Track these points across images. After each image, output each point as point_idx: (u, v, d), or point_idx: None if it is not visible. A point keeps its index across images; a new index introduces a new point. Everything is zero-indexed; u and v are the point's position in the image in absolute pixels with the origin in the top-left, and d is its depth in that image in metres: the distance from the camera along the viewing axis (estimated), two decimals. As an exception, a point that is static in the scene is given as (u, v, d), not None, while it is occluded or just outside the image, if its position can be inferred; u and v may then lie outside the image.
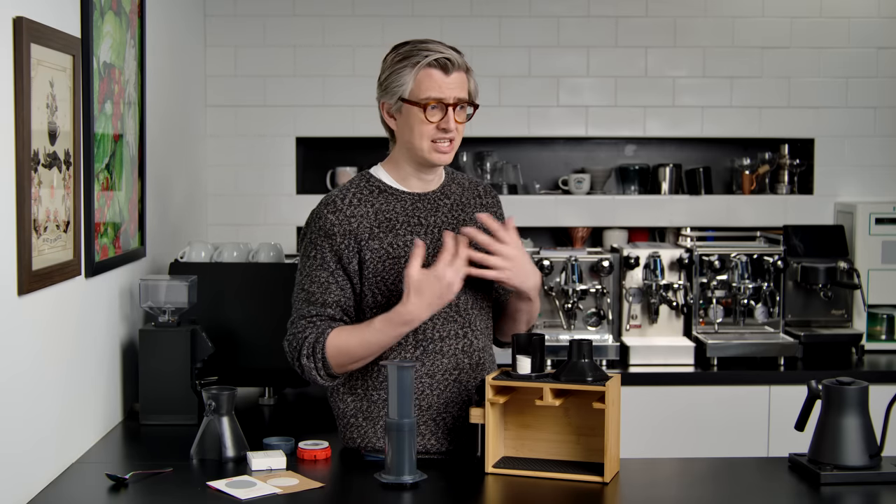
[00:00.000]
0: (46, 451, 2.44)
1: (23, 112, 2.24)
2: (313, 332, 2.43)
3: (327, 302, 2.46)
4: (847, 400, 2.39)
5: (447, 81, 2.45)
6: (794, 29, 4.48)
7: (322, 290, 2.46)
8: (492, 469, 2.41)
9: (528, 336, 2.41)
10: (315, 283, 2.47)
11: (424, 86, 2.45)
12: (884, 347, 4.17)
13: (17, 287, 2.25)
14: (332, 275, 2.47)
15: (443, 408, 2.51)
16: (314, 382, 2.47)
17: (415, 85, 2.45)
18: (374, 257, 2.47)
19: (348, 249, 2.46)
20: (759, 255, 4.05)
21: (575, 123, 4.51)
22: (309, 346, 2.42)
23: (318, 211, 2.51)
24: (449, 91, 2.45)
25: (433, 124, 2.45)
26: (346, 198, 2.50)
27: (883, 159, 4.51)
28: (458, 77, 2.47)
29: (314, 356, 2.42)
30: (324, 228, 2.47)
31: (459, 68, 2.47)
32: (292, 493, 2.28)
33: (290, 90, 4.44)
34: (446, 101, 2.45)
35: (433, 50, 2.45)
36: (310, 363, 2.42)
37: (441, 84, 2.45)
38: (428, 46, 2.47)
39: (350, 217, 2.47)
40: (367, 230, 2.47)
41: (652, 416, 3.76)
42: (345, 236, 2.46)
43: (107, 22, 2.86)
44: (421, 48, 2.46)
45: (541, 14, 4.46)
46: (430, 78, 2.45)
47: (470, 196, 2.64)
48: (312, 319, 2.45)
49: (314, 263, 2.48)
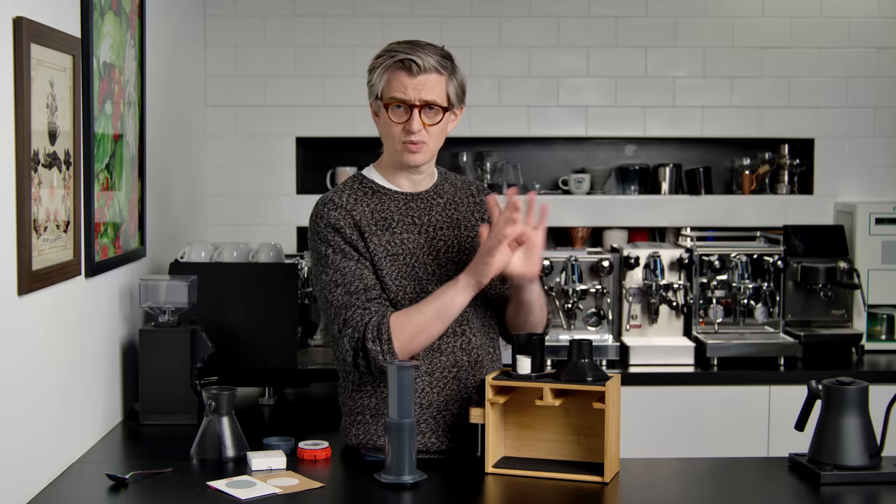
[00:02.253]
0: (46, 451, 2.44)
1: (23, 112, 2.24)
2: (374, 317, 2.39)
3: (368, 286, 2.43)
4: (847, 400, 2.39)
5: (412, 83, 2.44)
6: (794, 29, 4.48)
7: (358, 278, 2.44)
8: (492, 469, 2.41)
9: (528, 336, 2.41)
10: (347, 273, 2.44)
11: (391, 87, 2.46)
12: (884, 347, 4.17)
13: (17, 287, 2.25)
14: (359, 262, 2.46)
15: (442, 406, 2.51)
16: (380, 372, 2.40)
17: (384, 85, 2.47)
18: (377, 251, 2.48)
19: (358, 240, 2.47)
20: (759, 255, 4.05)
21: (575, 123, 4.51)
22: (373, 329, 2.38)
23: (318, 211, 2.51)
24: (413, 93, 2.44)
25: (399, 125, 2.46)
26: (343, 196, 2.52)
27: (883, 159, 4.51)
28: (427, 79, 2.45)
29: (380, 339, 2.37)
30: (330, 223, 2.48)
31: (428, 71, 2.45)
32: (292, 493, 2.28)
33: (290, 90, 4.44)
34: (410, 101, 2.45)
35: (403, 51, 2.45)
36: (375, 346, 2.37)
37: (405, 85, 2.44)
38: (399, 48, 2.47)
39: (351, 211, 2.49)
40: (366, 226, 2.49)
41: (652, 416, 3.76)
42: (352, 228, 2.47)
43: (107, 22, 2.86)
44: (394, 49, 2.47)
45: (541, 14, 4.45)
46: (396, 79, 2.45)
47: (463, 195, 2.65)
48: (366, 306, 2.41)
49: (337, 258, 2.46)
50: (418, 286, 2.49)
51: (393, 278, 2.48)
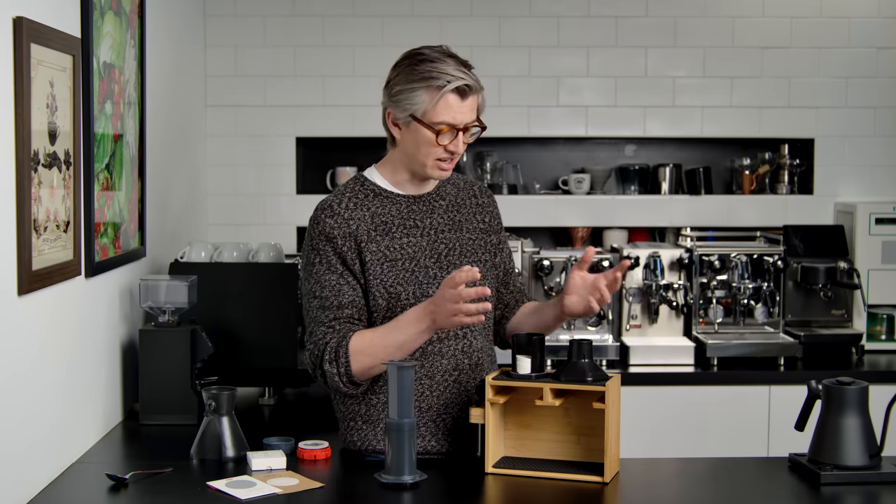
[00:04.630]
0: (46, 451, 2.44)
1: (23, 112, 2.24)
2: (334, 337, 2.41)
3: (342, 304, 2.44)
4: (847, 400, 2.39)
5: (462, 106, 2.43)
6: (794, 29, 4.48)
7: (335, 293, 2.44)
8: (492, 469, 2.41)
9: (528, 336, 2.41)
10: (326, 287, 2.45)
11: (440, 111, 2.41)
12: (884, 347, 4.17)
13: (17, 287, 2.25)
14: (342, 276, 2.45)
15: (442, 409, 2.51)
16: (337, 390, 2.45)
17: (430, 108, 2.41)
18: (373, 259, 2.46)
19: (350, 251, 2.46)
20: (759, 255, 4.05)
21: (575, 123, 4.51)
22: (331, 352, 2.40)
23: (316, 216, 2.50)
24: (462, 116, 2.43)
25: (443, 147, 2.45)
26: (342, 202, 2.50)
27: (883, 159, 4.51)
28: (473, 100, 2.45)
29: (337, 361, 2.39)
30: (324, 232, 2.47)
31: (476, 91, 2.45)
32: (292, 493, 2.28)
33: (290, 90, 4.44)
34: (458, 126, 2.44)
35: (452, 75, 2.40)
36: (332, 368, 2.39)
37: (457, 110, 2.42)
38: (447, 70, 2.40)
39: (348, 220, 2.47)
40: (364, 233, 2.47)
41: (652, 416, 3.76)
42: (345, 238, 2.46)
43: (107, 22, 2.86)
44: (441, 71, 2.40)
45: (541, 14, 4.45)
46: (447, 104, 2.41)
47: (465, 196, 2.64)
48: (332, 324, 2.43)
49: (321, 269, 2.46)
50: (418, 290, 2.48)
51: (392, 284, 2.47)
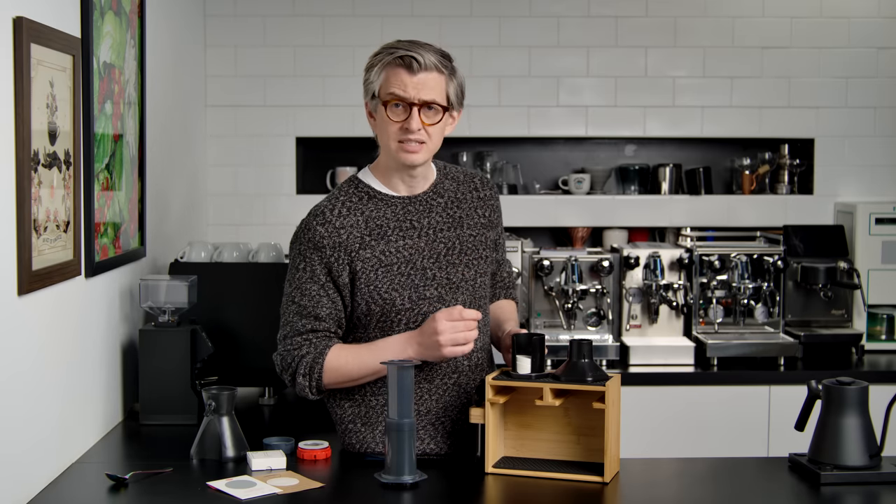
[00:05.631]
0: (46, 451, 2.44)
1: (23, 112, 2.24)
2: (311, 352, 2.43)
3: (320, 315, 2.44)
4: (847, 400, 2.39)
5: (412, 81, 2.39)
6: (794, 29, 4.48)
7: (314, 304, 2.44)
8: (492, 469, 2.41)
9: (528, 336, 2.41)
10: (306, 295, 2.44)
11: (389, 83, 2.41)
12: (884, 347, 4.17)
13: (17, 287, 2.25)
14: (323, 287, 2.44)
15: (441, 412, 2.50)
16: (302, 396, 2.48)
17: (382, 82, 2.42)
18: (367, 266, 2.44)
19: (338, 262, 2.43)
20: (759, 255, 4.05)
21: (575, 123, 4.51)
22: (306, 366, 2.42)
23: (308, 222, 2.47)
24: (413, 91, 2.39)
25: (397, 123, 2.41)
26: (336, 208, 2.47)
27: (883, 159, 4.51)
28: (427, 77, 2.40)
29: (310, 375, 2.42)
30: (313, 241, 2.44)
31: (429, 69, 2.40)
32: (292, 493, 2.28)
33: (290, 90, 4.44)
34: (409, 100, 2.40)
35: (402, 48, 2.41)
36: (304, 381, 2.43)
37: (405, 83, 2.39)
38: (399, 45, 2.42)
39: (339, 228, 2.44)
40: (357, 240, 2.44)
41: (652, 416, 3.76)
42: (334, 249, 2.43)
43: (107, 22, 2.86)
44: (393, 46, 2.43)
45: (541, 14, 4.45)
46: (396, 76, 2.40)
47: (466, 190, 2.60)
48: (307, 336, 2.44)
49: (304, 276, 2.45)
50: (415, 294, 2.46)
51: (387, 290, 2.44)
